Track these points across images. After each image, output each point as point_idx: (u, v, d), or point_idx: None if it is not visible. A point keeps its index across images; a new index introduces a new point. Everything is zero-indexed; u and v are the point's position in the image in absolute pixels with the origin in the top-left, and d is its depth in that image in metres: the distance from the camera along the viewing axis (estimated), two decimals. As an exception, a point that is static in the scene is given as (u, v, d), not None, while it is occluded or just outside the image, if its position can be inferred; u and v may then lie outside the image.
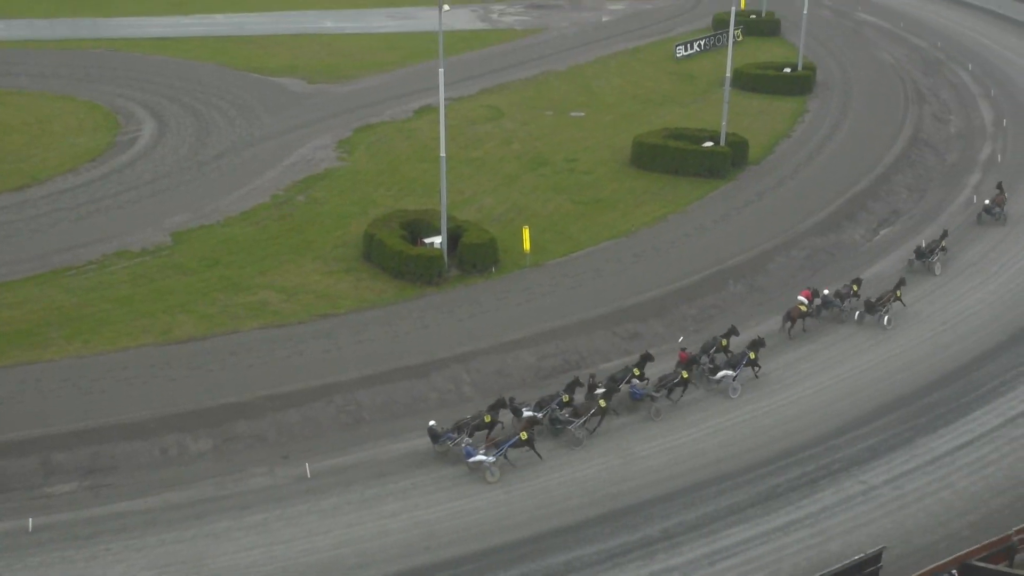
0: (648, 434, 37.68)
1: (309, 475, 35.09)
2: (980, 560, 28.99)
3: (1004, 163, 64.60)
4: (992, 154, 66.83)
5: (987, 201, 56.45)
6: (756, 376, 40.78)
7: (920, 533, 32.28)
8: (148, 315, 43.88)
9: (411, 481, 34.89)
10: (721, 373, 40.26)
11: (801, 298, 45.44)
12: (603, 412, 37.18)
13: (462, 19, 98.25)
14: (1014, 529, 30.33)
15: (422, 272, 47.38)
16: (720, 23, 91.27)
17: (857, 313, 45.58)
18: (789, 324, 44.60)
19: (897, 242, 54.16)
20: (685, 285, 47.69)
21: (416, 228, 50.47)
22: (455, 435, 35.90)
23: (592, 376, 39.22)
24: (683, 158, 60.84)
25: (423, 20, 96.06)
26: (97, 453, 35.37)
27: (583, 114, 72.19)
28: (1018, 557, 29.84)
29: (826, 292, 46.32)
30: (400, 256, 47.65)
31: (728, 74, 63.93)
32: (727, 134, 62.29)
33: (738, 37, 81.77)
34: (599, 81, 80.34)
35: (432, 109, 68.02)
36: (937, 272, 49.89)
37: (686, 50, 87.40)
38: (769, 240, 52.38)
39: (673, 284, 47.61)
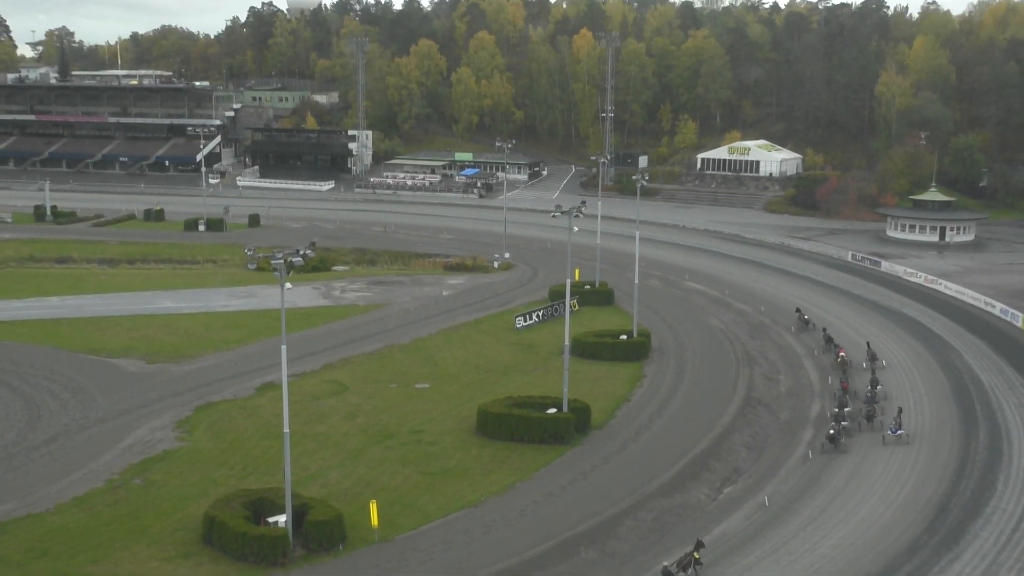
0: None
1: None
2: None
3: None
4: (821, 410, 69.58)
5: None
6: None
7: None
8: (-34, 615, 40.81)
9: None
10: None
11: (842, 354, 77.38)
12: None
13: (304, 296, 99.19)
14: None
15: (266, 553, 45.64)
16: (556, 294, 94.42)
17: None
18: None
19: (741, 500, 55.01)
20: (536, 554, 47.14)
21: (260, 507, 48.94)
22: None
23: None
24: (528, 425, 61.30)
25: (265, 298, 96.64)
26: None
27: (427, 386, 72.58)
28: None
29: None
30: (243, 538, 45.91)
31: (567, 343, 65.80)
32: (569, 400, 63.33)
33: (574, 307, 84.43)
34: (442, 353, 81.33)
35: (275, 386, 67.55)
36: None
37: (525, 320, 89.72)
38: (616, 504, 52.68)
39: (524, 554, 47.04)
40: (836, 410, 66.84)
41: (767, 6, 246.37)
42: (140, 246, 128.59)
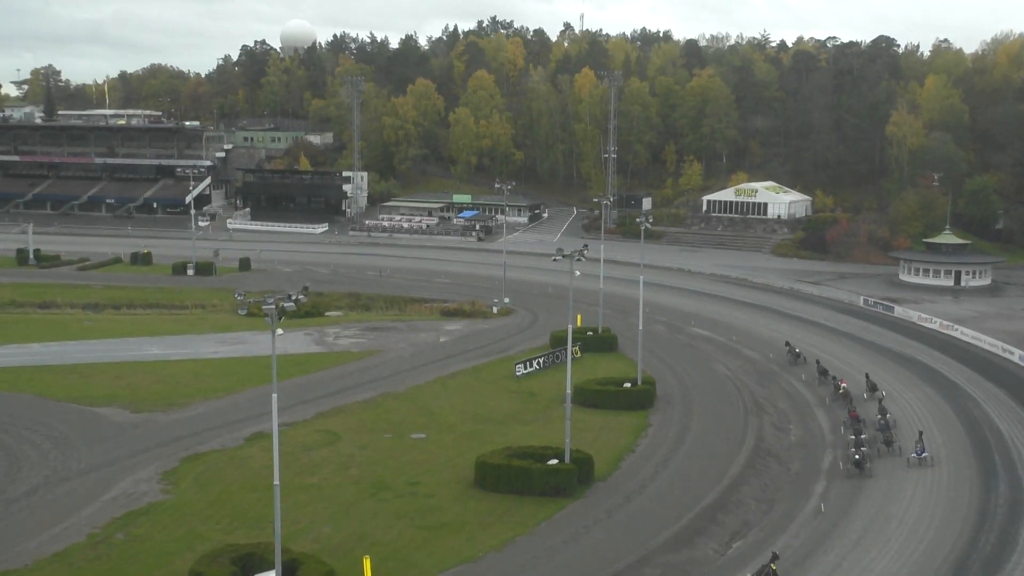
0: None
1: None
2: None
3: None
4: (834, 461, 67.50)
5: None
6: None
7: None
8: None
9: None
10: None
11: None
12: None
13: (296, 342, 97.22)
14: None
15: (253, 613, 43.50)
16: (558, 341, 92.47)
17: None
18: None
19: (750, 555, 52.71)
20: (538, 615, 45.00)
21: (248, 563, 46.89)
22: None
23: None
24: (528, 477, 59.20)
25: (256, 345, 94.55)
26: None
27: (424, 435, 70.49)
28: None
29: None
30: (228, 597, 43.82)
31: (568, 391, 63.90)
32: (571, 451, 61.32)
33: (577, 354, 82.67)
34: (439, 401, 79.28)
35: (265, 435, 65.62)
36: None
37: (526, 368, 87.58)
38: (621, 559, 50.69)
39: (525, 615, 44.86)
40: (853, 437, 68.06)
41: (774, 45, 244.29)
42: (126, 291, 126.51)
